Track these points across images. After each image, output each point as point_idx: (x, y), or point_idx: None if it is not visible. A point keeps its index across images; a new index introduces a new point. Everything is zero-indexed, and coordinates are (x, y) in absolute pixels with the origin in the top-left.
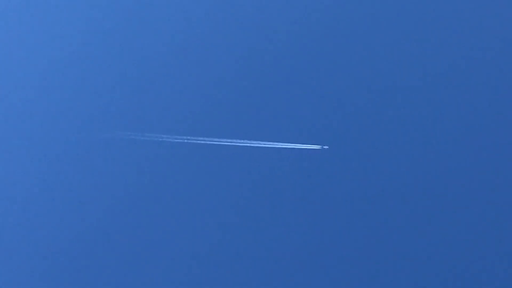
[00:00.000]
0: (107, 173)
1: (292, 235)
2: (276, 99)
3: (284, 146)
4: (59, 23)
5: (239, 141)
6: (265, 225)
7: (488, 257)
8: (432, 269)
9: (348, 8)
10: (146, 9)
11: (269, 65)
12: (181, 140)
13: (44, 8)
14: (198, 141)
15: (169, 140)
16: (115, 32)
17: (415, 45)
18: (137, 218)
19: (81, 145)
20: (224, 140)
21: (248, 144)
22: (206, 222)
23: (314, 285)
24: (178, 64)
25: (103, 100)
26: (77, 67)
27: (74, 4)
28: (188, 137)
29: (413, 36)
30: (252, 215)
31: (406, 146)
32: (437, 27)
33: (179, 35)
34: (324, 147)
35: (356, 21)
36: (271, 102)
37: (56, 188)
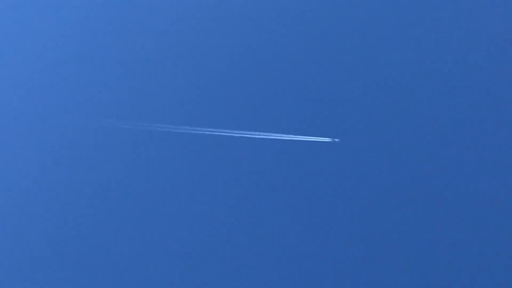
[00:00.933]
0: (104, 164)
1: (298, 229)
2: (287, 90)
3: (294, 138)
4: (56, 15)
5: (248, 132)
6: (272, 218)
7: (488, 257)
8: (448, 267)
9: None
10: (144, 3)
11: (279, 55)
12: (192, 131)
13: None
14: (208, 132)
15: (176, 131)
16: (111, 25)
17: (427, 37)
18: (135, 213)
19: (79, 138)
20: (233, 131)
21: (256, 136)
22: (211, 218)
23: (321, 282)
24: (183, 51)
25: (101, 91)
26: (76, 60)
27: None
28: (202, 129)
29: (426, 27)
30: (259, 208)
31: (417, 140)
32: (452, 15)
33: (179, 26)
34: (335, 139)
35: (370, 9)
36: (281, 93)
37: (53, 182)
